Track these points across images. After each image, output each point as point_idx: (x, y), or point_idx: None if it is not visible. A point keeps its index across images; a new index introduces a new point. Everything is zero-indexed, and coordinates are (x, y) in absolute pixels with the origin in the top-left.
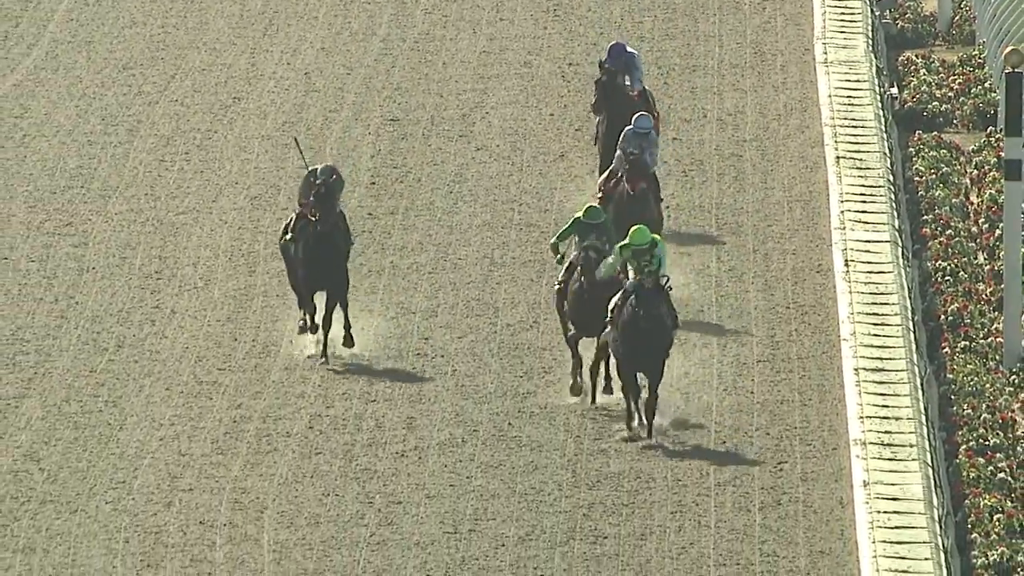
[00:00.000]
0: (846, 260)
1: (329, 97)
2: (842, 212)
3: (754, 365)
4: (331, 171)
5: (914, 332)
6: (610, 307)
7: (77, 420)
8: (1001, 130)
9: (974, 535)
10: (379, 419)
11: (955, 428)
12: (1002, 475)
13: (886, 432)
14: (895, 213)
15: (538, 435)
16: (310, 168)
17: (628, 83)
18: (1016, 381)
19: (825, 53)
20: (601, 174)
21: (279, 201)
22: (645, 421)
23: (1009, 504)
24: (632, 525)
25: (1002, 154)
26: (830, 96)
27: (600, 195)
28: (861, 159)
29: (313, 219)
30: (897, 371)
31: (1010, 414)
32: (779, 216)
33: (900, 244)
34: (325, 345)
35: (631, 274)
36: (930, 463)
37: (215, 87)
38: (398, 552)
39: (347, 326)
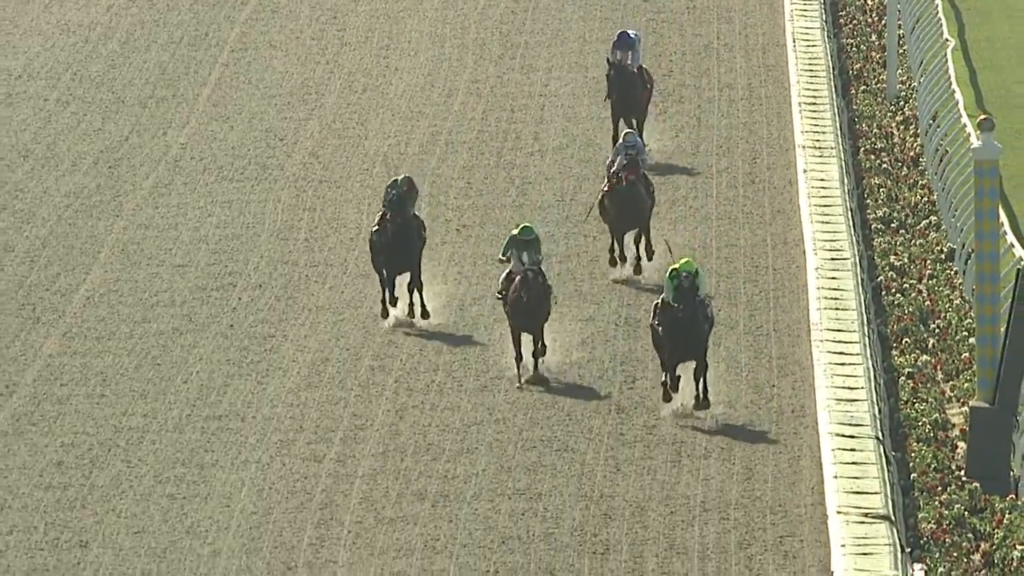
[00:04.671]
0: (794, 39)
1: None
2: (791, 10)
3: (738, 101)
4: (406, 182)
5: (834, 81)
6: (652, 306)
7: (332, 157)
8: None
9: (868, 201)
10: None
11: (857, 137)
12: (885, 166)
13: (817, 139)
14: (823, 11)
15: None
16: (393, 178)
17: (630, 62)
18: (893, 110)
19: None
20: (614, 122)
21: (449, 31)
22: (699, 394)
23: (888, 182)
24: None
25: None
26: None
27: (607, 186)
28: None
29: (388, 220)
30: (824, 104)
31: (890, 129)
32: (755, 13)
33: (826, 30)
34: (411, 311)
35: (671, 294)
36: (842, 158)
37: None
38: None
39: (422, 302)
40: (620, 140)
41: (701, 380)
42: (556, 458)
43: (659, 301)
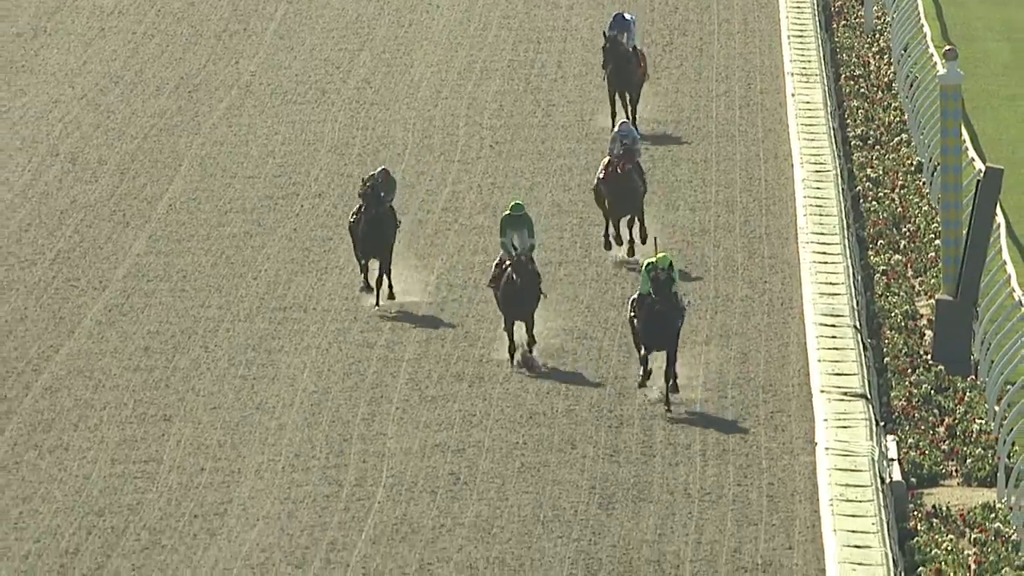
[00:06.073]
0: None
1: None
2: None
3: (735, 34)
4: (382, 175)
5: (818, 16)
6: (629, 301)
7: (382, 83)
8: None
9: (848, 121)
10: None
11: (839, 65)
12: (863, 90)
13: (803, 67)
14: None
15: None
16: (370, 173)
17: (625, 41)
18: (870, 41)
19: None
20: (610, 93)
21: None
22: (670, 381)
23: (865, 104)
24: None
25: None
26: None
27: (603, 175)
28: None
29: (364, 209)
30: (809, 36)
31: (867, 58)
32: None
33: None
34: (378, 297)
35: (647, 286)
36: (825, 84)
37: None
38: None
39: (390, 286)
40: (616, 129)
41: (671, 369)
42: (576, 344)
43: (635, 296)
